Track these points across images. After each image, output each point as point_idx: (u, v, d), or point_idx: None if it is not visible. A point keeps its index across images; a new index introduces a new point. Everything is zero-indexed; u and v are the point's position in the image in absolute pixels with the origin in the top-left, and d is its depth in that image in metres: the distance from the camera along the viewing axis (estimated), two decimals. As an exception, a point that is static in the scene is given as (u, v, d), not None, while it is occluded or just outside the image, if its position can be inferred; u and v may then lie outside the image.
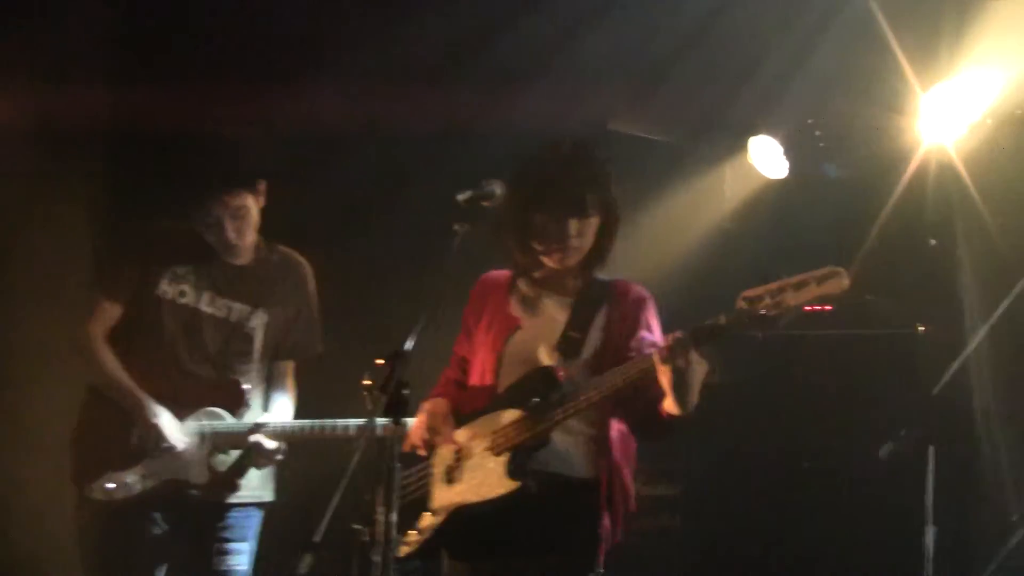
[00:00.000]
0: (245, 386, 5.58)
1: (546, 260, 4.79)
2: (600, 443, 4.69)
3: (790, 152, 7.54)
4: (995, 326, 5.96)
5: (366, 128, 7.24)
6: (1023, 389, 7.05)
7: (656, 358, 4.41)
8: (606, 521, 4.65)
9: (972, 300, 7.11)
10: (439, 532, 4.71)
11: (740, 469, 7.34)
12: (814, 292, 4.29)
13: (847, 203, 7.49)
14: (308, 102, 7.23)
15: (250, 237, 5.64)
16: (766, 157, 7.55)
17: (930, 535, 5.48)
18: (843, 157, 7.57)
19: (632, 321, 4.79)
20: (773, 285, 4.31)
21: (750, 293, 4.34)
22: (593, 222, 4.76)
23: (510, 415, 4.66)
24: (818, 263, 4.30)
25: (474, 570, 4.75)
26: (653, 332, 4.80)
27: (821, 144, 7.53)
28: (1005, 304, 5.69)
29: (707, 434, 6.81)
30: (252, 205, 5.58)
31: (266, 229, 5.72)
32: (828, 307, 6.91)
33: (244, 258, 5.67)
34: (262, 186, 5.61)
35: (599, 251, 4.82)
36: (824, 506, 7.06)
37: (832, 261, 4.31)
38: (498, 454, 4.63)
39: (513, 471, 4.59)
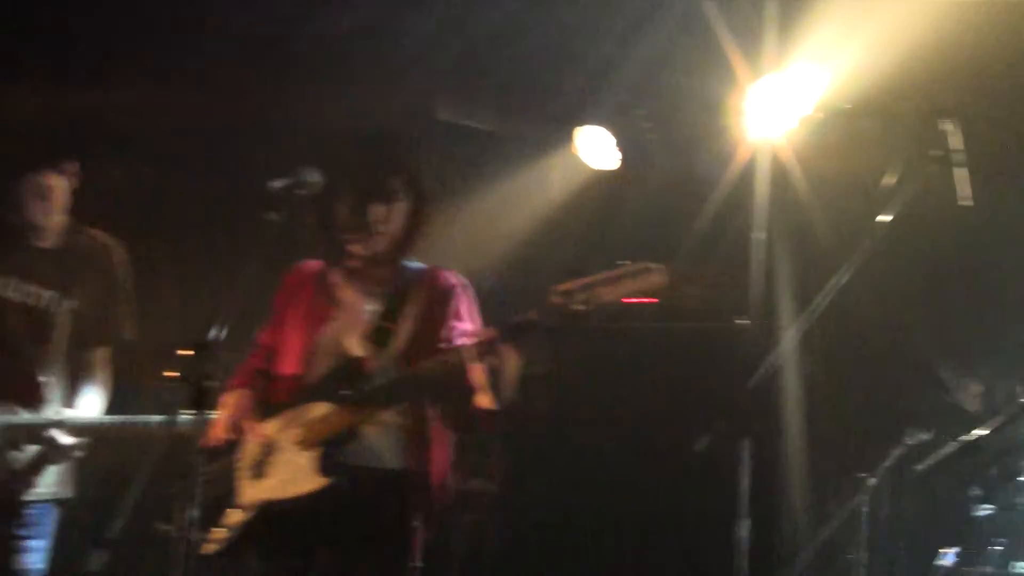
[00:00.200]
0: (42, 379, 5.44)
1: (353, 248, 4.79)
2: (414, 436, 4.70)
3: (620, 143, 7.65)
4: (812, 321, 6.11)
5: (184, 114, 7.18)
6: (836, 384, 7.28)
7: (467, 354, 4.46)
8: (420, 515, 4.68)
9: (793, 294, 7.30)
10: (247, 529, 4.67)
11: (558, 462, 7.43)
12: (629, 287, 4.34)
13: (675, 195, 7.62)
14: (128, 87, 7.14)
15: (57, 219, 5.52)
16: (593, 148, 7.65)
17: (744, 528, 5.60)
18: (673, 148, 7.70)
19: (445, 310, 4.82)
20: (587, 280, 4.36)
21: (564, 287, 4.38)
22: (400, 207, 4.77)
23: (320, 408, 4.65)
24: (644, 255, 4.37)
25: (284, 567, 4.71)
26: (468, 321, 4.83)
27: (650, 136, 7.66)
28: (822, 299, 5.83)
29: (525, 427, 6.90)
30: (60, 186, 5.48)
31: (79, 214, 5.64)
32: (652, 299, 7.03)
33: (51, 241, 5.53)
34: (73, 168, 5.51)
35: (409, 238, 4.83)
36: (641, 499, 7.19)
37: (658, 253, 4.38)
38: (308, 448, 4.62)
39: (323, 466, 4.58)
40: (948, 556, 5.85)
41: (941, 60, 6.73)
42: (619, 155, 7.65)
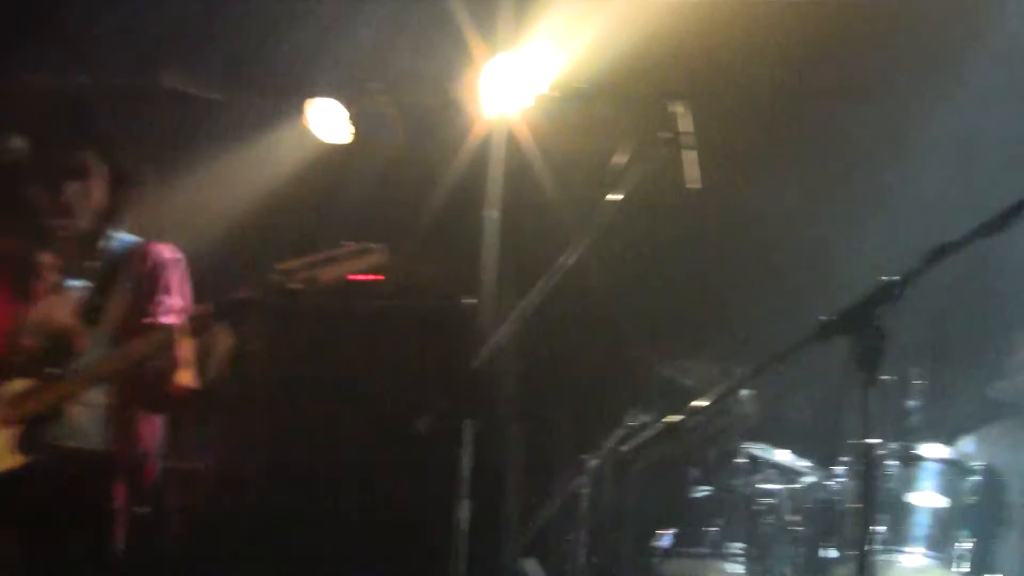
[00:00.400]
0: None
1: (56, 226, 4.72)
2: (121, 415, 4.64)
3: (353, 117, 7.62)
4: (539, 300, 6.19)
5: None
6: (563, 364, 7.40)
7: (178, 330, 4.44)
8: (122, 495, 4.63)
9: (524, 273, 7.36)
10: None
11: (279, 441, 7.38)
12: (349, 267, 4.41)
13: (408, 171, 7.64)
14: None
15: None
16: (325, 121, 7.60)
17: (464, 509, 5.66)
18: (406, 124, 7.71)
19: (157, 284, 4.77)
20: (307, 259, 4.41)
21: (283, 266, 4.42)
22: (97, 184, 4.71)
23: (23, 385, 4.56)
24: (375, 233, 4.42)
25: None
26: (180, 296, 4.79)
27: (384, 111, 7.65)
28: (549, 278, 5.92)
29: (243, 405, 6.85)
30: None
31: None
32: (379, 276, 7.04)
33: None
34: None
35: (113, 212, 4.78)
36: (361, 481, 7.20)
37: (389, 230, 4.43)
38: (8, 426, 4.52)
39: (23, 444, 4.50)
40: (665, 537, 6.00)
41: (673, 43, 6.90)
42: (351, 129, 7.62)
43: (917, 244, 3.61)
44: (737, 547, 5.80)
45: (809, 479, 5.82)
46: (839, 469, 5.72)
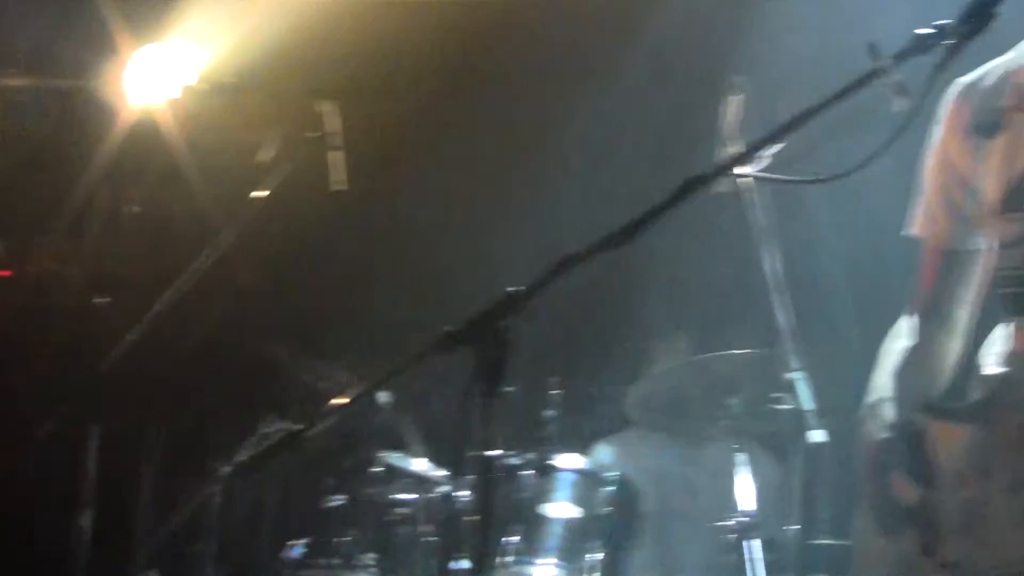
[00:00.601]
0: None
1: None
2: None
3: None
4: (176, 299, 6.01)
5: None
6: (199, 368, 7.22)
7: None
8: None
9: (169, 271, 7.17)
10: None
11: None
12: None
13: (46, 163, 7.34)
14: None
15: None
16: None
17: (87, 518, 5.49)
18: (46, 111, 7.42)
19: None
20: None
21: None
22: None
23: None
24: (8, 226, 4.22)
25: None
26: None
27: (20, 98, 7.35)
28: (188, 277, 5.78)
29: None
30: None
31: None
32: (6, 272, 6.76)
33: None
34: None
35: None
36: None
37: (23, 224, 4.22)
38: None
39: None
40: (296, 548, 5.88)
41: (326, 41, 6.86)
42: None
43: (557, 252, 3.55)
44: (369, 558, 5.72)
45: (443, 489, 5.77)
46: (472, 479, 5.69)
